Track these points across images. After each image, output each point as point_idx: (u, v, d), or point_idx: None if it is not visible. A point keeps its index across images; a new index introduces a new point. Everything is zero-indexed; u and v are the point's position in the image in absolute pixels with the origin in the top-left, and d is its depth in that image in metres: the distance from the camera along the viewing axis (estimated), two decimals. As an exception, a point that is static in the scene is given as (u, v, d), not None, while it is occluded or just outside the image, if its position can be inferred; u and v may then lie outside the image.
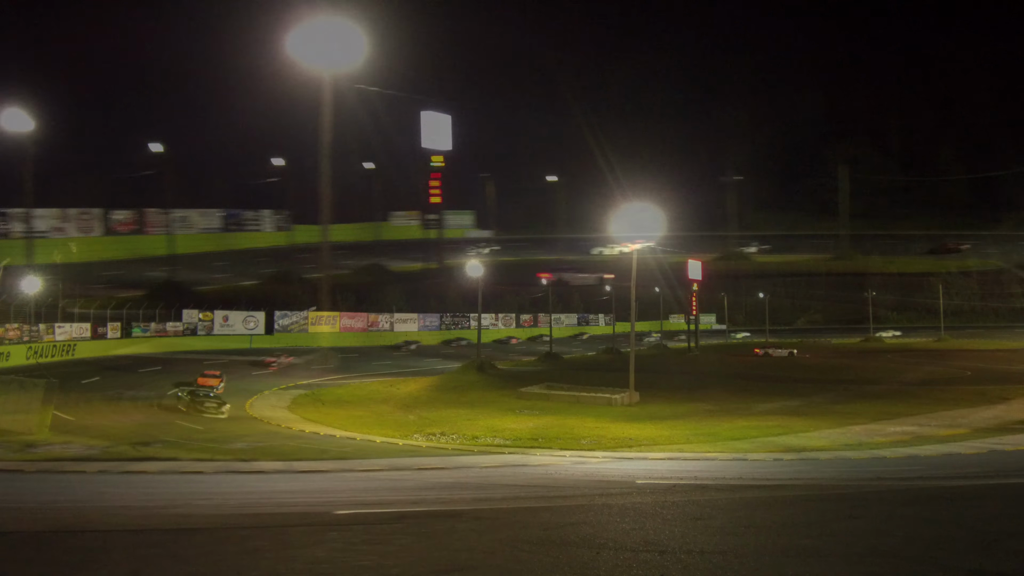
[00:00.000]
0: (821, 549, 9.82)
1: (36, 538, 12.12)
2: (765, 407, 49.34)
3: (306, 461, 26.00)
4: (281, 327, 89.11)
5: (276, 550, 10.17)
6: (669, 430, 40.26)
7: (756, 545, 10.02)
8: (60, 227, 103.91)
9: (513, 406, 51.48)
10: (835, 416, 43.70)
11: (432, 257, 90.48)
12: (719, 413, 47.26)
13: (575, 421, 44.47)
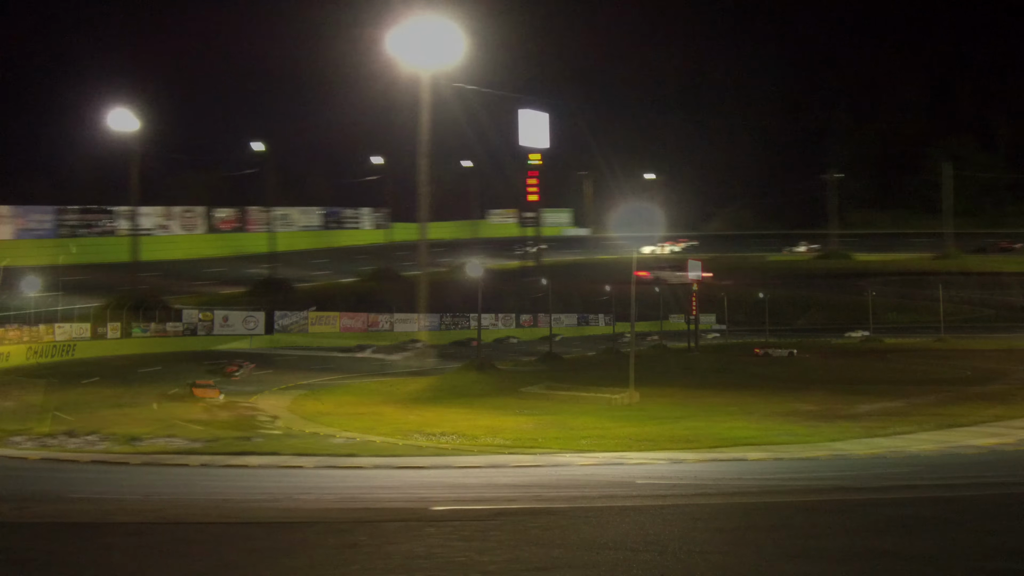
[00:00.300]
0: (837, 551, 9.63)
1: (138, 529, 12.35)
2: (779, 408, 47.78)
3: (403, 457, 26.18)
4: (281, 327, 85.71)
5: (374, 545, 10.24)
6: (671, 428, 37.96)
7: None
8: (164, 225, 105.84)
9: (513, 406, 48.54)
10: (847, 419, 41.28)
11: (529, 255, 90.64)
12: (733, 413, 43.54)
13: (321, 404, 42.03)
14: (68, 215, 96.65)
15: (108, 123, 55.46)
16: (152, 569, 9.37)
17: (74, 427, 30.52)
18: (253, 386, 37.71)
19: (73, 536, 11.77)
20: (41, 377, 40.43)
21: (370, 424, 30.46)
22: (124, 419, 31.76)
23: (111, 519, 13.62)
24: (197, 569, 9.27)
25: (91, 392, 37.31)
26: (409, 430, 29.65)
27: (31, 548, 10.69)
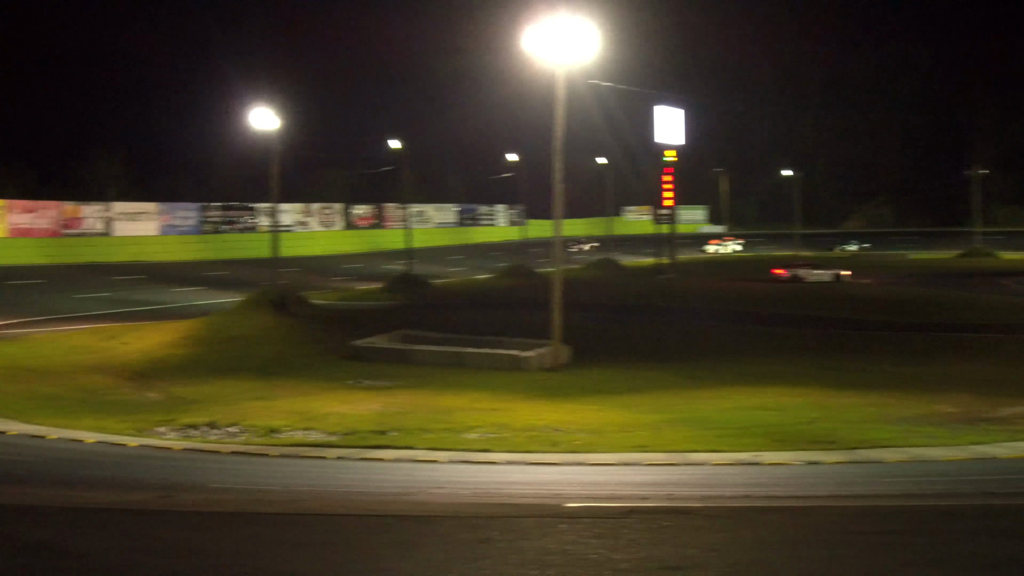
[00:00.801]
0: None
1: (278, 520, 12.61)
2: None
3: (536, 453, 26.22)
4: None
5: (507, 540, 10.32)
6: (622, 413, 31.71)
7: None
8: (303, 221, 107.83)
9: (342, 374, 39.64)
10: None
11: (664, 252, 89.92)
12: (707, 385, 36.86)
13: (454, 399, 33.86)
14: (211, 212, 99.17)
15: (250, 122, 56.64)
16: (292, 560, 9.57)
17: (216, 418, 31.24)
18: (386, 380, 38.18)
19: (216, 526, 12.08)
20: (185, 369, 41.48)
21: (504, 420, 30.56)
22: (264, 411, 32.39)
23: (252, 509, 13.94)
24: (336, 560, 9.46)
25: (233, 384, 38.15)
26: (542, 426, 29.69)
27: (176, 537, 11.00)
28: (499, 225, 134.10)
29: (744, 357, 42.42)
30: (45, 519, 12.39)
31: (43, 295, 62.83)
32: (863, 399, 33.15)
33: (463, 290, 71.81)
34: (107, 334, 48.74)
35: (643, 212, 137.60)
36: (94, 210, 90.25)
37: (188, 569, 9.11)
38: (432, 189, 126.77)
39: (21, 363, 41.77)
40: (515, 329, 45.22)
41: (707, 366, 40.48)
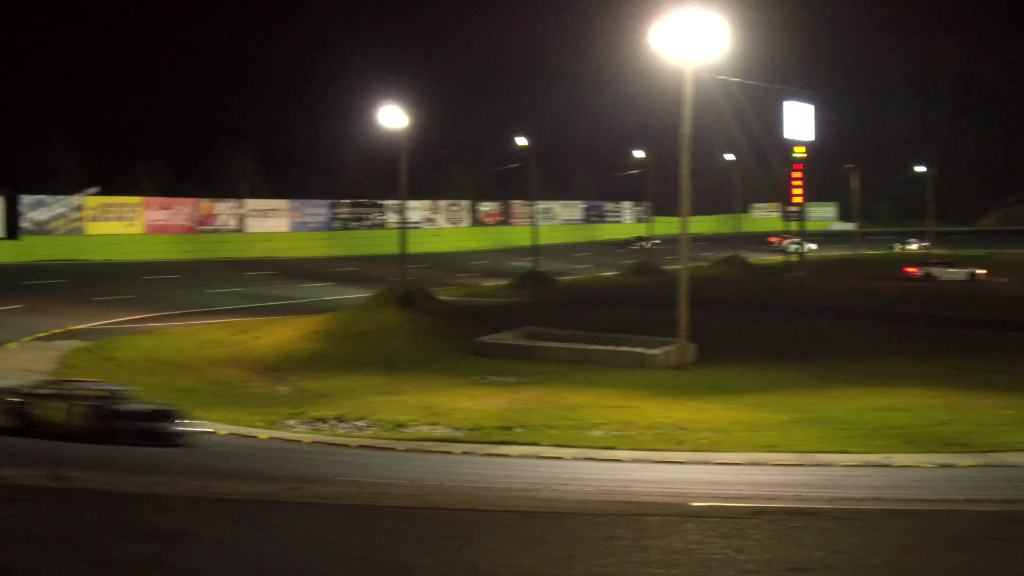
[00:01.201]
0: None
1: (404, 513, 12.73)
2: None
3: (662, 451, 26.11)
4: (35, 225, 78.92)
5: (632, 538, 10.28)
6: (749, 412, 31.69)
7: None
8: (431, 218, 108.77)
9: (468, 369, 40.13)
10: None
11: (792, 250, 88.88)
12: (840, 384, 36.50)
13: (579, 396, 34.09)
14: (341, 209, 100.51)
15: (379, 120, 57.30)
16: (417, 553, 9.65)
17: (344, 412, 31.67)
18: (512, 376, 38.31)
19: (344, 517, 12.24)
20: (314, 364, 42.12)
21: (629, 417, 30.46)
22: (392, 406, 32.74)
23: (378, 503, 14.09)
24: (461, 555, 9.52)
25: (361, 379, 38.65)
26: (668, 424, 29.53)
27: (304, 528, 11.17)
28: (625, 222, 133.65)
29: (874, 356, 41.65)
30: (178, 508, 12.67)
31: (178, 290, 64.34)
32: (998, 401, 32.31)
33: (589, 287, 71.73)
34: (239, 328, 49.73)
35: (771, 209, 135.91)
36: (228, 207, 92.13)
37: (315, 560, 9.24)
38: (559, 186, 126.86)
39: (157, 356, 42.83)
40: (641, 326, 45.04)
41: (836, 365, 39.83)
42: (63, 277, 65.37)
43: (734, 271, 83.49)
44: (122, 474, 17.58)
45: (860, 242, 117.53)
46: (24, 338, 44.58)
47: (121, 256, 78.80)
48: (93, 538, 9.83)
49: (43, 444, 24.15)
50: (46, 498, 13.04)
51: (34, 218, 77.89)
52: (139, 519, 11.33)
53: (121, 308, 54.60)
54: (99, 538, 9.88)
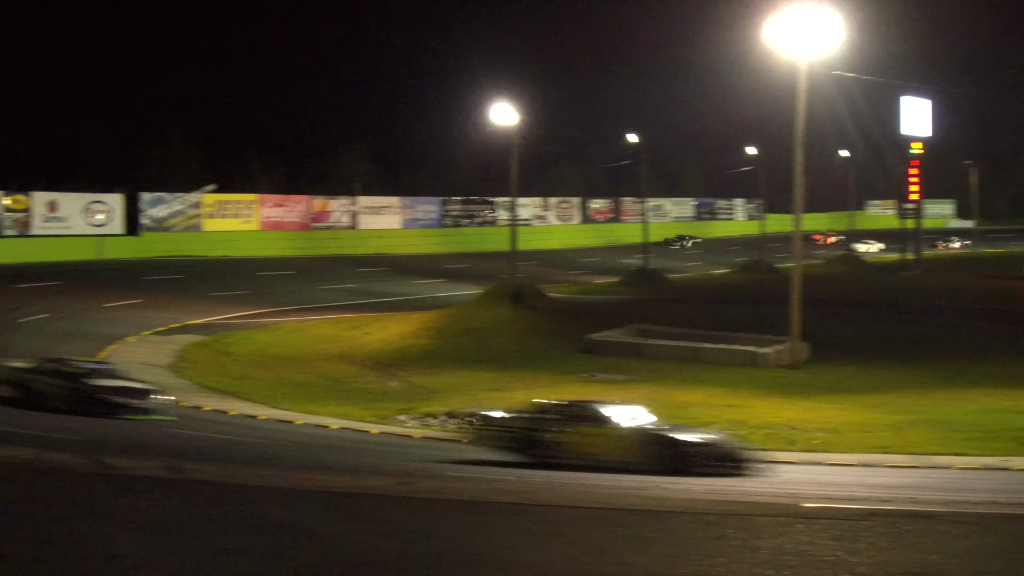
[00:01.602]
0: None
1: (512, 509, 12.76)
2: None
3: (773, 451, 25.81)
4: (154, 221, 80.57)
5: (741, 538, 10.20)
6: (862, 413, 31.01)
7: None
8: (541, 215, 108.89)
9: (577, 367, 39.71)
10: None
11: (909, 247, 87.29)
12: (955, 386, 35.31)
13: (688, 395, 33.61)
14: (452, 206, 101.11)
15: (490, 117, 57.56)
16: (525, 549, 9.67)
17: (454, 408, 31.86)
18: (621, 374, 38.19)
19: (452, 512, 12.31)
20: (424, 360, 42.44)
21: (740, 416, 30.17)
22: (500, 402, 32.73)
23: (487, 498, 14.14)
24: (569, 552, 9.52)
25: (470, 375, 38.84)
26: (779, 424, 29.19)
27: (413, 522, 11.26)
28: (737, 219, 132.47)
29: (992, 357, 40.67)
30: (291, 500, 12.85)
31: (292, 286, 65.30)
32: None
33: (700, 285, 71.23)
34: (351, 324, 50.33)
35: (887, 206, 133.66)
36: (341, 204, 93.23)
37: (423, 553, 9.30)
38: (670, 183, 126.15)
39: (271, 351, 43.55)
40: (752, 325, 44.59)
41: (952, 366, 38.98)
42: (180, 273, 66.76)
43: (848, 269, 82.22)
44: (236, 466, 17.89)
45: (979, 240, 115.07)
46: (143, 332, 45.66)
47: (237, 252, 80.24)
48: (207, 529, 10.01)
49: (159, 436, 24.68)
50: (161, 488, 13.32)
51: (153, 215, 79.68)
52: (252, 511, 11.52)
53: (236, 304, 55.60)
54: (213, 529, 10.06)
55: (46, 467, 14.77)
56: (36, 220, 72.82)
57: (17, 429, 22.24)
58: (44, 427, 23.44)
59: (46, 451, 16.87)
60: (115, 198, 77.53)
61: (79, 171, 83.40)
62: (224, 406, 32.26)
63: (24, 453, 16.25)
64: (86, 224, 75.49)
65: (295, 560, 8.72)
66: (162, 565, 8.30)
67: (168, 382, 36.49)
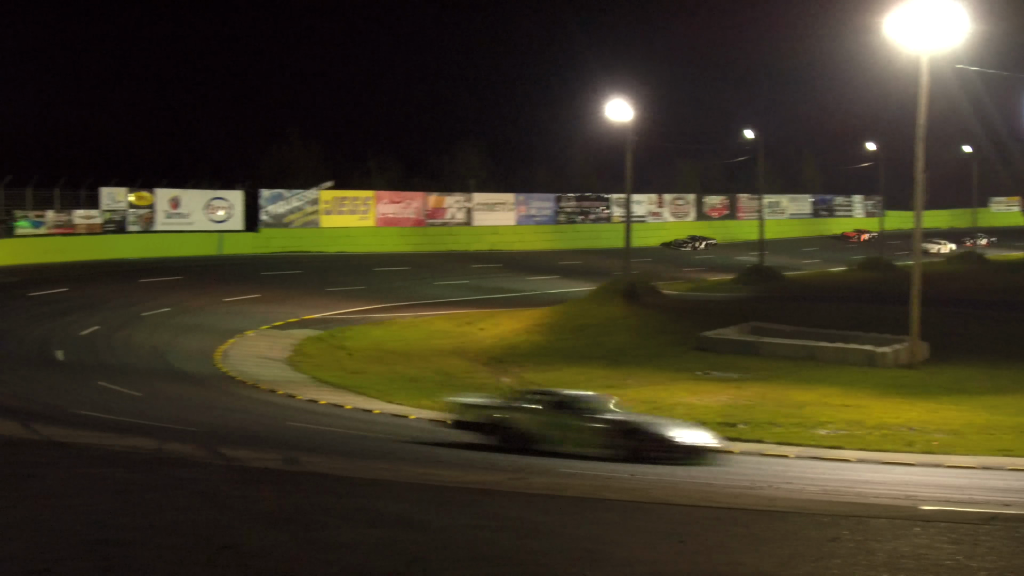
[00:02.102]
0: None
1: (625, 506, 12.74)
2: None
3: (890, 452, 25.43)
4: (273, 218, 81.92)
5: (858, 540, 10.07)
6: (984, 414, 30.08)
7: None
8: (656, 212, 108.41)
9: (690, 365, 39.60)
10: None
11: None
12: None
13: (804, 394, 33.48)
14: (566, 203, 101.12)
15: (606, 113, 57.53)
16: (637, 547, 9.66)
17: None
18: (735, 372, 37.88)
19: (565, 509, 12.33)
20: (537, 356, 42.54)
21: (857, 416, 29.76)
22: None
23: (600, 495, 14.14)
24: (682, 551, 9.50)
25: (583, 372, 38.83)
26: (897, 424, 28.72)
27: (526, 517, 11.31)
28: (856, 216, 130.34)
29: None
30: (405, 495, 12.98)
31: (406, 281, 65.94)
32: None
33: (816, 282, 70.36)
34: (465, 320, 50.67)
35: (1012, 203, 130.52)
36: (455, 200, 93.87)
37: (537, 549, 9.34)
38: (787, 179, 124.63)
39: (386, 346, 44.03)
40: (870, 323, 43.91)
41: (1081, 367, 37.96)
42: (298, 268, 67.86)
43: (970, 267, 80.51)
44: (351, 459, 18.12)
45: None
46: (261, 327, 46.52)
47: (353, 248, 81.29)
48: (322, 521, 10.16)
49: (276, 430, 25.10)
50: (280, 480, 13.56)
51: (272, 211, 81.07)
52: (368, 504, 11.65)
53: (352, 299, 56.34)
54: (329, 521, 10.20)
55: (166, 457, 15.12)
56: (159, 216, 74.56)
57: (137, 420, 22.79)
58: (162, 418, 23.97)
59: (166, 442, 17.26)
60: (235, 195, 79.07)
61: (202, 168, 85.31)
62: (340, 400, 32.69)
63: (145, 443, 16.65)
64: (207, 220, 77.12)
65: (409, 553, 8.80)
66: (278, 556, 8.45)
67: (285, 375, 37.17)
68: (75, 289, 53.43)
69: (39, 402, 26.32)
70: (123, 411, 25.29)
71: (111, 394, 30.49)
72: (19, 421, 18.17)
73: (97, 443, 15.80)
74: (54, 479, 11.85)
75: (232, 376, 36.29)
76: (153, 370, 36.67)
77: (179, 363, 38.26)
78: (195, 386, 34.02)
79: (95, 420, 22.04)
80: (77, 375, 34.20)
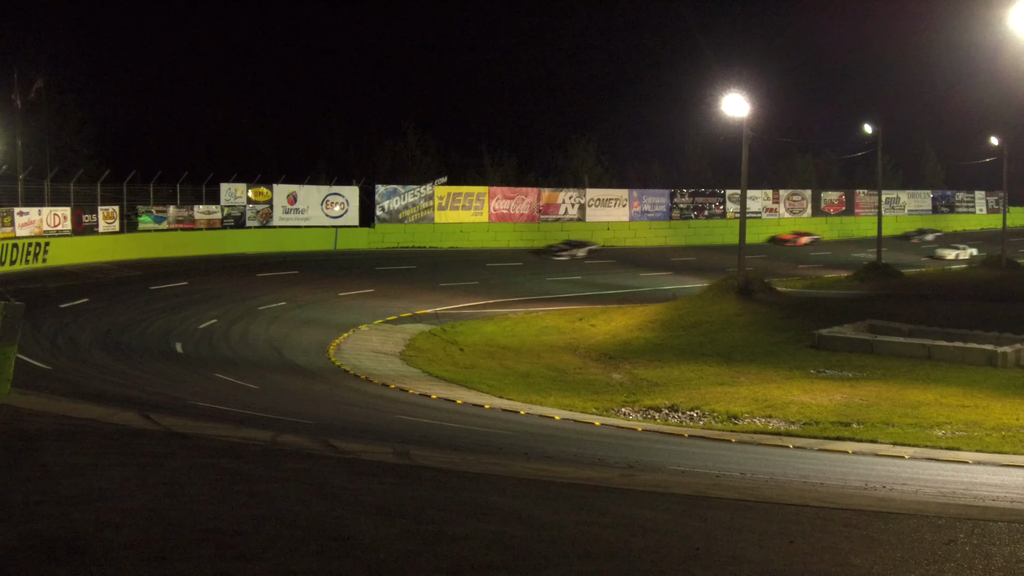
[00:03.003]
0: None
1: (735, 505, 12.64)
2: None
3: (1011, 455, 24.86)
4: (388, 213, 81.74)
5: (974, 544, 9.86)
6: None
7: None
8: (772, 208, 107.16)
9: (805, 363, 39.71)
10: None
11: None
12: None
13: (921, 394, 33.16)
14: (680, 198, 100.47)
15: (722, 108, 57.12)
16: (748, 546, 9.58)
17: (678, 402, 31.76)
18: (850, 371, 37.39)
19: (673, 506, 12.27)
20: (649, 352, 42.40)
21: (975, 417, 29.16)
22: (725, 397, 32.58)
23: (709, 493, 14.04)
24: (793, 551, 9.39)
25: (695, 369, 38.63)
26: (1018, 426, 28.08)
27: (635, 514, 11.28)
28: (977, 212, 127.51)
29: None
30: (515, 489, 13.02)
31: (519, 277, 66.15)
32: None
33: (936, 280, 68.95)
34: (576, 316, 50.67)
35: None
36: (569, 196, 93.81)
37: (645, 546, 9.31)
38: (907, 175, 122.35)
39: (498, 341, 44.22)
40: (991, 322, 42.97)
41: None
42: (412, 263, 68.44)
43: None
44: (462, 454, 18.23)
45: None
46: (375, 321, 47.02)
47: (466, 244, 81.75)
48: (434, 514, 10.23)
49: (388, 423, 25.36)
50: (392, 474, 13.68)
51: (387, 207, 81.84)
52: (478, 498, 11.71)
53: (465, 294, 56.66)
54: (440, 514, 10.27)
55: (280, 449, 15.35)
56: (277, 212, 75.72)
57: (252, 412, 23.18)
58: (277, 410, 24.35)
59: (280, 434, 17.52)
60: (351, 190, 79.97)
61: (319, 165, 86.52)
62: (451, 395, 32.94)
63: (259, 435, 16.92)
64: (324, 215, 78.11)
65: (521, 548, 8.83)
66: (389, 548, 8.52)
67: (398, 370, 37.54)
68: (194, 283, 54.51)
69: (158, 393, 26.90)
70: (239, 403, 25.73)
71: (227, 386, 31.04)
72: (138, 411, 18.57)
73: (213, 434, 16.08)
74: (171, 469, 12.10)
75: (345, 370, 36.74)
76: (268, 363, 37.27)
77: (294, 356, 38.84)
78: (309, 379, 34.49)
79: (212, 411, 22.45)
80: (195, 367, 34.89)
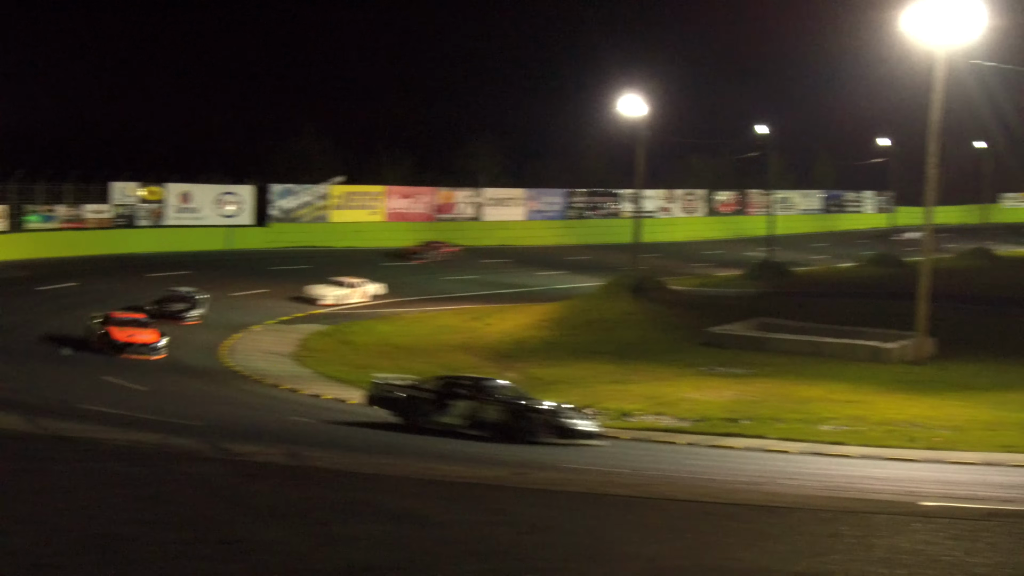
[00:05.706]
0: None
1: (628, 502, 12.78)
2: None
3: (892, 448, 25.44)
4: (283, 212, 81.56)
5: (857, 536, 10.11)
6: (988, 411, 30.12)
7: None
8: (666, 207, 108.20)
9: (696, 360, 39.69)
10: None
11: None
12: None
13: (809, 390, 33.62)
14: (576, 198, 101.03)
15: (618, 109, 57.52)
16: (640, 542, 9.70)
17: (571, 400, 31.93)
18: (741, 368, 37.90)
19: (567, 504, 12.37)
20: (544, 351, 42.57)
21: (860, 412, 29.74)
22: (618, 395, 32.83)
23: (602, 490, 14.18)
24: (684, 545, 9.53)
25: (589, 367, 38.86)
26: (900, 421, 28.70)
27: (529, 512, 11.35)
28: (866, 212, 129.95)
29: None
30: (409, 489, 13.02)
31: (415, 276, 65.92)
32: None
33: (825, 278, 70.22)
34: (472, 315, 50.67)
35: (1023, 199, 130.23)
36: (465, 196, 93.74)
37: (538, 543, 9.38)
38: (798, 175, 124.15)
39: (392, 341, 44.08)
40: (877, 319, 43.86)
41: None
42: (307, 263, 67.82)
43: (981, 264, 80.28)
44: (354, 454, 18.17)
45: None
46: (268, 321, 46.57)
47: (362, 243, 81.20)
48: (325, 515, 10.21)
49: (279, 425, 25.15)
50: (282, 475, 13.61)
51: (282, 206, 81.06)
52: (371, 498, 11.71)
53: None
54: (333, 516, 10.25)
55: (169, 452, 15.18)
56: (170, 211, 74.58)
57: (141, 415, 22.87)
58: (166, 412, 24.05)
59: (169, 436, 17.33)
60: (246, 189, 79.06)
61: (212, 163, 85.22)
62: (344, 395, 32.79)
63: (148, 438, 16.72)
64: (217, 215, 77.14)
65: (416, 548, 8.85)
66: (280, 550, 8.49)
67: (290, 370, 37.26)
68: (84, 283, 53.50)
69: (43, 396, 26.41)
70: (128, 405, 25.37)
71: (116, 388, 30.58)
72: (23, 415, 18.22)
73: (101, 438, 15.85)
74: (57, 474, 11.90)
75: (237, 371, 36.40)
76: (158, 365, 36.75)
77: (185, 358, 38.33)
78: (200, 381, 34.12)
79: (99, 415, 22.12)
80: (82, 369, 34.28)
